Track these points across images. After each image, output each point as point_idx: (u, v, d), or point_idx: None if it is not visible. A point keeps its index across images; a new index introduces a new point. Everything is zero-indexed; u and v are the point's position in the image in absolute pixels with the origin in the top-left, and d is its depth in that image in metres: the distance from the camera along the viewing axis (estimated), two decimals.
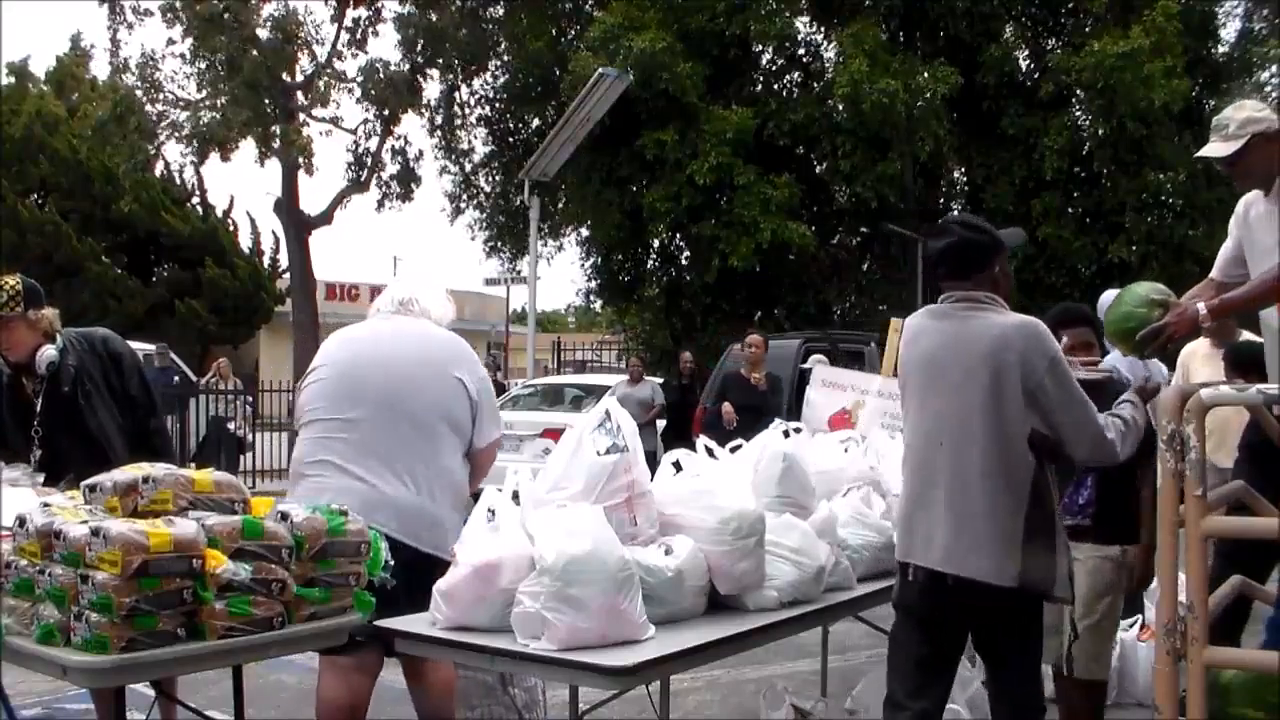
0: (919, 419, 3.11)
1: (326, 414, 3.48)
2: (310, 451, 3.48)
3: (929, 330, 3.12)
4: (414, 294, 3.76)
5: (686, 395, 11.61)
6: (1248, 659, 2.80)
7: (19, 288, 3.94)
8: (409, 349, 3.57)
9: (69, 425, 3.96)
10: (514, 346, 30.22)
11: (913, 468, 3.13)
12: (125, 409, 4.06)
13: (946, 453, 2.99)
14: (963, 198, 21.02)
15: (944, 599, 3.01)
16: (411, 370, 3.51)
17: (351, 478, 3.36)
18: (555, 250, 22.84)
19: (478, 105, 22.10)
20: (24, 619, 2.73)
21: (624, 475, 3.05)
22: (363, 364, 3.54)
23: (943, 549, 2.97)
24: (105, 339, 4.14)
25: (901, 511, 3.18)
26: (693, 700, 5.13)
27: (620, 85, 14.55)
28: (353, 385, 3.49)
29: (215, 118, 17.54)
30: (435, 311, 3.75)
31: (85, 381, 4.00)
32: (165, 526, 2.63)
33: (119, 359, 4.10)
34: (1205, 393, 2.47)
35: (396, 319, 3.68)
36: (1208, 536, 2.47)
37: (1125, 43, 16.07)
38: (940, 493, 2.99)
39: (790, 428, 3.87)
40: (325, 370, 3.58)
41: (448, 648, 2.97)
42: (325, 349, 3.70)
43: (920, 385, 3.12)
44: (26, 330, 3.94)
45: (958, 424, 2.98)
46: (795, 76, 20.61)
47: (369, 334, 3.67)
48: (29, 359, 3.95)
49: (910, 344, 3.18)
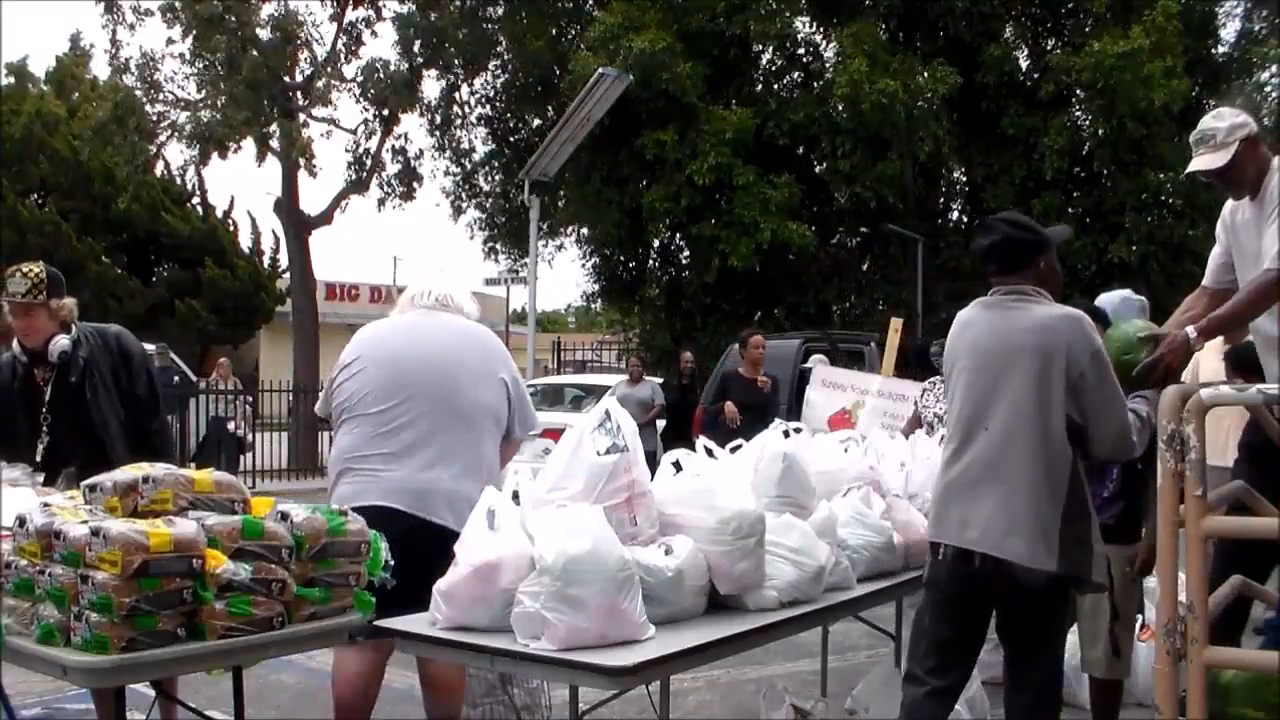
0: (963, 404, 3.15)
1: (375, 407, 3.55)
2: (356, 445, 3.55)
3: (978, 320, 3.18)
4: (449, 291, 3.83)
5: (686, 395, 11.61)
6: (1248, 659, 2.80)
7: (43, 275, 4.03)
8: (454, 345, 3.68)
9: (73, 416, 4.02)
10: (514, 346, 30.12)
11: (954, 451, 3.15)
12: (130, 406, 4.11)
13: (990, 437, 3.04)
14: (963, 198, 21.01)
15: (971, 578, 3.04)
16: (457, 366, 3.63)
17: (406, 470, 3.47)
18: (555, 250, 22.84)
19: (478, 105, 22.12)
20: (24, 619, 2.73)
21: (624, 475, 3.05)
22: (409, 359, 3.62)
23: (980, 530, 3.01)
24: (119, 336, 4.19)
25: (939, 493, 3.20)
26: (693, 700, 5.13)
27: (620, 85, 14.54)
28: (401, 380, 3.57)
29: (215, 117, 17.51)
30: (468, 308, 3.85)
31: (93, 374, 4.05)
32: (165, 526, 2.63)
33: (129, 357, 4.15)
34: (1205, 392, 2.47)
35: (437, 314, 3.75)
36: (1208, 536, 2.47)
37: (1125, 43, 16.07)
38: (982, 476, 3.03)
39: (790, 428, 3.87)
40: (367, 364, 3.63)
41: (448, 648, 2.97)
42: (362, 343, 3.73)
43: (966, 371, 3.16)
44: (47, 318, 4.03)
45: (1004, 409, 3.03)
46: (795, 76, 20.60)
47: (411, 329, 3.73)
48: (44, 347, 4.02)
49: (959, 333, 3.24)
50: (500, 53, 21.12)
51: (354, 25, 19.20)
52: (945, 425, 3.34)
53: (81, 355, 4.05)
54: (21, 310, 4.00)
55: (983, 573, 3.01)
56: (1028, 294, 3.10)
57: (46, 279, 4.02)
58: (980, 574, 3.01)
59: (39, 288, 3.99)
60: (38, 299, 3.98)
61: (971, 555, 3.02)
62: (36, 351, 4.05)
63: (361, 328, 3.84)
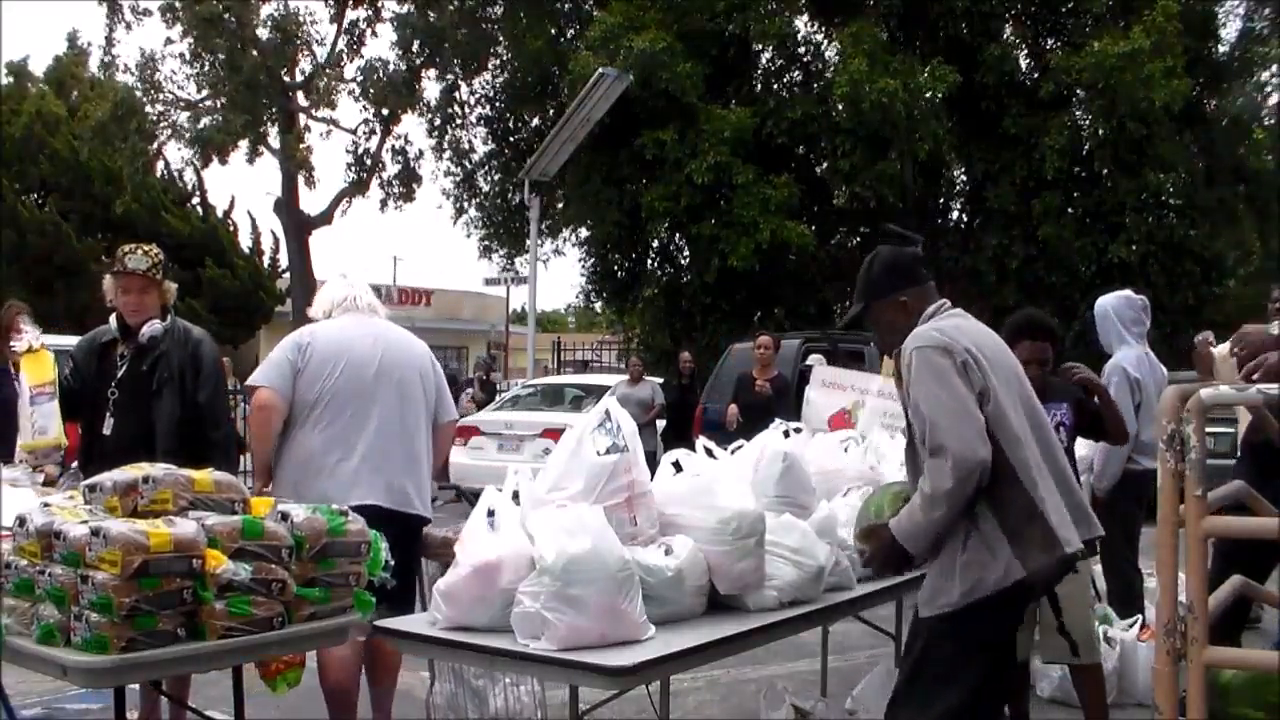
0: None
1: (340, 410, 3.84)
2: (328, 448, 3.82)
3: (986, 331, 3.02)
4: (371, 296, 4.20)
5: (686, 395, 11.61)
6: (1248, 659, 2.80)
7: (161, 257, 4.11)
8: (397, 349, 4.05)
9: (131, 403, 4.04)
10: (514, 346, 30.24)
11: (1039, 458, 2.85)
12: (189, 409, 4.08)
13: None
14: (963, 197, 21.00)
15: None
16: (405, 367, 4.02)
17: (383, 468, 3.83)
18: (554, 251, 22.83)
19: (477, 105, 22.11)
20: (24, 619, 2.73)
21: (624, 475, 3.06)
22: (364, 363, 3.93)
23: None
24: (199, 341, 4.18)
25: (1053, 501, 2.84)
26: (693, 700, 5.13)
27: (620, 85, 14.54)
28: (362, 383, 3.89)
29: (216, 119, 17.55)
30: (382, 311, 4.22)
31: (163, 368, 4.06)
32: (165, 526, 2.63)
33: (200, 362, 4.14)
34: (1205, 392, 2.47)
35: (374, 319, 4.12)
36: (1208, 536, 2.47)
37: (1125, 43, 16.05)
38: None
39: (790, 428, 3.87)
40: (326, 367, 3.88)
41: (448, 648, 2.97)
42: (328, 344, 3.92)
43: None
44: (156, 298, 4.10)
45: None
46: (795, 76, 20.59)
47: (364, 335, 4.01)
48: (140, 326, 4.07)
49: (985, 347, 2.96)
50: (500, 53, 21.11)
51: (354, 25, 19.22)
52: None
53: (161, 346, 4.08)
54: (139, 286, 4.04)
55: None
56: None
57: (162, 261, 4.10)
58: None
59: (158, 267, 4.06)
60: (156, 276, 4.05)
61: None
62: (130, 329, 4.10)
63: (313, 328, 4.07)
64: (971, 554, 2.72)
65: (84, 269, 23.25)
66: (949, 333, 2.86)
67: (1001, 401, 2.77)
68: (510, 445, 11.46)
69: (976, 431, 2.68)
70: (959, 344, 2.81)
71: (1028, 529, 2.70)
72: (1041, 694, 4.95)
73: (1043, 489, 2.74)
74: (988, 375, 2.79)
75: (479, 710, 4.05)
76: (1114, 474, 5.16)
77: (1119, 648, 4.98)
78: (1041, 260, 17.85)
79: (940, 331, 2.86)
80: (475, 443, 11.83)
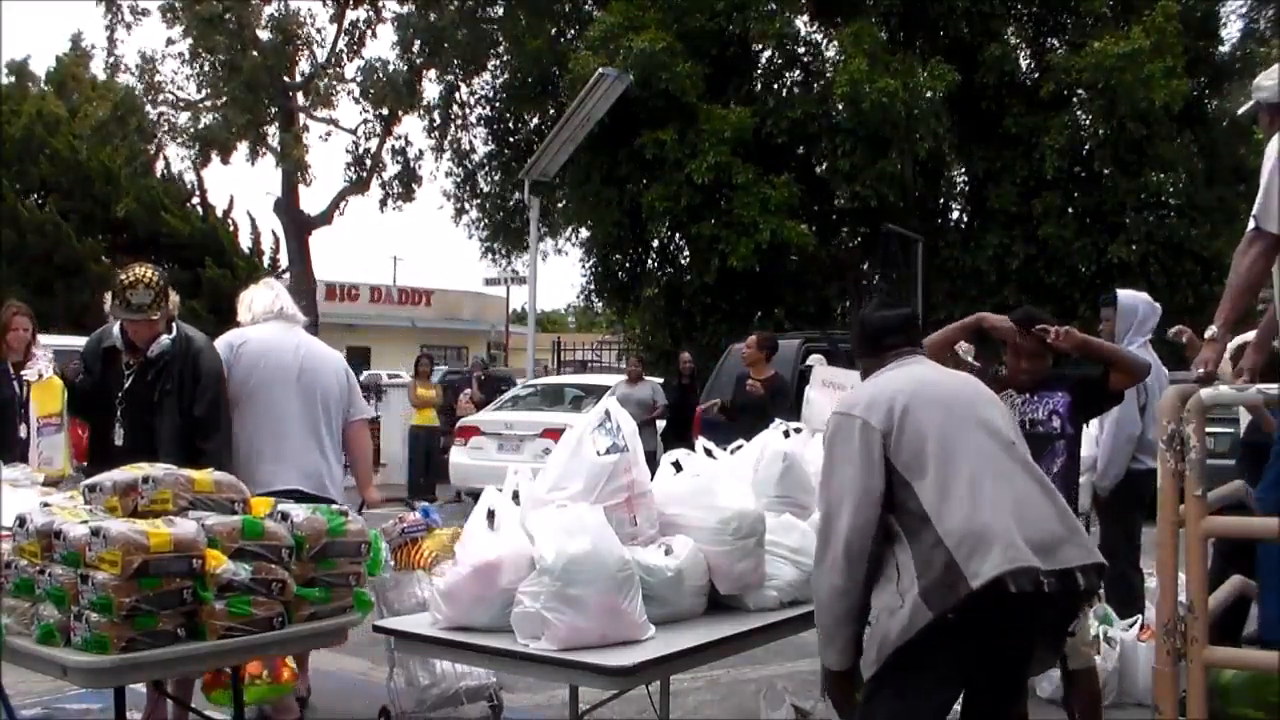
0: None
1: (268, 405, 4.35)
2: (255, 438, 4.31)
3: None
4: (294, 307, 4.72)
5: (686, 395, 11.60)
6: (1248, 659, 2.80)
7: (162, 283, 4.08)
8: (317, 354, 4.62)
9: (139, 415, 4.10)
10: (514, 346, 30.24)
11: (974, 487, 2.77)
12: (186, 418, 4.12)
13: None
14: (963, 197, 20.99)
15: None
16: (323, 371, 4.57)
17: (304, 458, 4.36)
18: (554, 251, 22.83)
19: (477, 105, 22.10)
20: (24, 619, 2.73)
21: (624, 475, 3.05)
22: (288, 364, 4.45)
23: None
24: (199, 352, 4.19)
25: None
26: (693, 700, 5.12)
27: (620, 85, 14.54)
28: (286, 383, 4.41)
29: (216, 119, 17.54)
30: (302, 319, 4.74)
31: (165, 381, 4.10)
32: (165, 526, 2.63)
33: (199, 374, 4.17)
34: (1205, 392, 2.47)
35: (296, 328, 4.64)
36: (1208, 536, 2.47)
37: (1126, 43, 16.05)
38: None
39: (790, 428, 3.87)
40: (255, 365, 4.38)
41: (448, 647, 2.97)
42: (245, 348, 4.43)
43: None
44: (161, 320, 4.12)
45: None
46: (795, 76, 20.58)
47: (284, 338, 4.54)
48: (146, 343, 4.11)
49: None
50: (499, 53, 21.11)
51: (354, 26, 19.20)
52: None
53: (166, 357, 4.10)
54: (144, 320, 4.03)
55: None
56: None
57: (164, 287, 4.08)
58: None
59: (161, 296, 4.05)
60: (158, 313, 4.05)
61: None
62: (131, 341, 4.13)
63: (243, 331, 4.55)
64: (880, 609, 2.65)
65: (84, 269, 23.24)
66: (863, 391, 2.86)
67: (921, 437, 2.69)
68: (510, 445, 11.46)
69: (855, 509, 2.65)
70: (860, 404, 2.77)
71: (929, 569, 2.57)
72: (1042, 694, 4.94)
73: (953, 521, 2.58)
74: (906, 414, 2.70)
75: (429, 676, 4.25)
76: (1116, 474, 5.16)
77: (1119, 648, 4.97)
78: (1041, 260, 17.85)
79: (857, 394, 2.87)
80: (475, 443, 11.83)
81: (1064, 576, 2.56)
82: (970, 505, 2.60)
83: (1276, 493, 3.05)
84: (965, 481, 2.63)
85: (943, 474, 2.65)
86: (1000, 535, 2.56)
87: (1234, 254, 3.38)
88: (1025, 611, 2.57)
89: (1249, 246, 3.28)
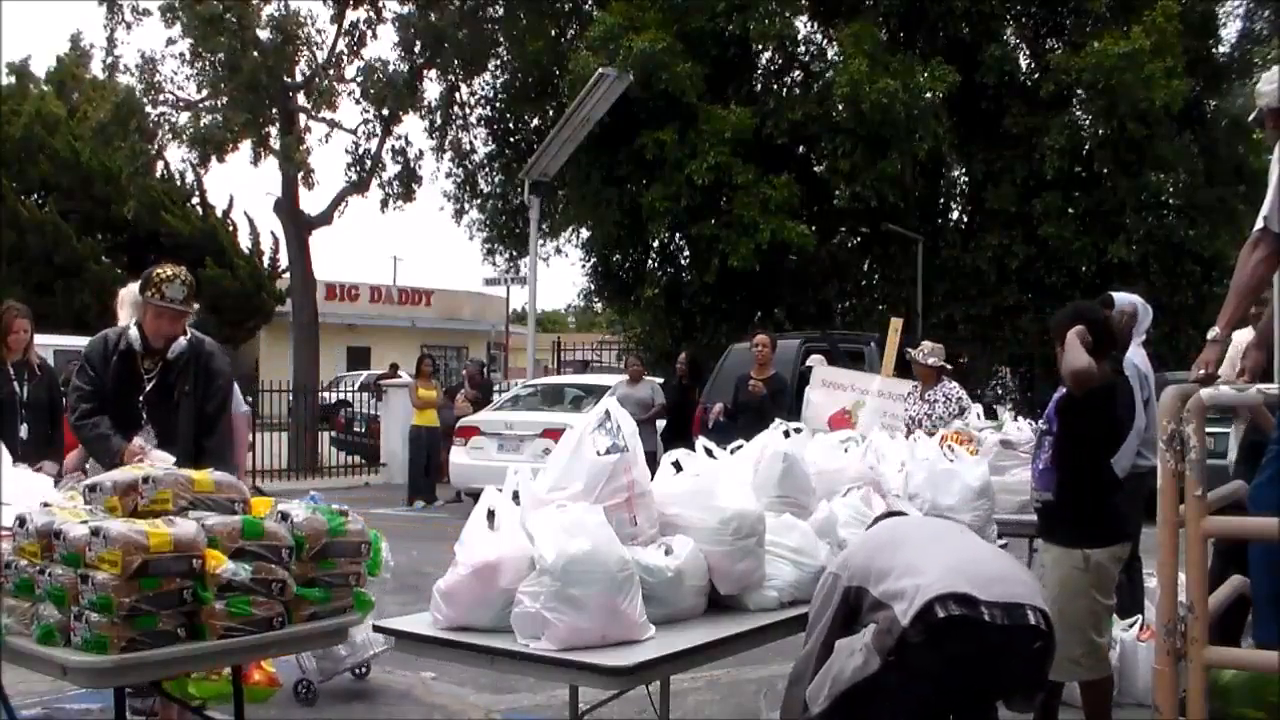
0: None
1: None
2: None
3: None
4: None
5: (686, 395, 11.60)
6: (1248, 659, 2.80)
7: (194, 282, 4.11)
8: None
9: (159, 413, 4.13)
10: (514, 346, 30.22)
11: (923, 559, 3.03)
12: (199, 420, 4.19)
13: None
14: (963, 198, 21.00)
15: None
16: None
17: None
18: (554, 250, 22.81)
19: (477, 105, 22.09)
20: (24, 619, 2.73)
21: (624, 475, 3.05)
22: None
23: None
24: (211, 354, 4.26)
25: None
26: (693, 700, 5.12)
27: (620, 85, 14.52)
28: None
29: (216, 119, 17.50)
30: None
31: (183, 383, 4.16)
32: (165, 526, 2.63)
33: (211, 375, 4.22)
34: (1205, 392, 2.47)
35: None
36: (1208, 536, 2.47)
37: (1125, 43, 16.05)
38: None
39: (790, 428, 3.87)
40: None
41: (448, 648, 2.97)
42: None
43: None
44: (189, 319, 4.15)
45: None
46: (795, 76, 20.59)
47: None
48: (165, 344, 4.12)
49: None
50: (500, 53, 21.10)
51: (354, 26, 19.17)
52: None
53: (185, 358, 4.15)
54: (173, 316, 4.05)
55: None
56: None
57: (195, 284, 4.12)
58: None
59: (192, 295, 4.08)
60: (191, 307, 4.09)
61: None
62: (148, 343, 4.13)
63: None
64: (841, 648, 2.81)
65: (84, 269, 23.26)
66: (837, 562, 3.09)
67: (883, 556, 2.89)
68: (510, 445, 11.46)
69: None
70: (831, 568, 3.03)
71: (879, 625, 2.75)
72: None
73: (897, 584, 2.74)
74: (870, 555, 2.95)
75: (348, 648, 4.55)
76: (1122, 469, 5.16)
77: (1119, 648, 4.97)
78: (1041, 260, 17.86)
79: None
80: (475, 443, 11.83)
81: (1010, 610, 2.61)
82: (910, 566, 2.78)
83: (1272, 490, 3.05)
84: (911, 552, 2.85)
85: (890, 560, 2.85)
86: (929, 572, 2.70)
87: (1239, 254, 3.38)
88: (969, 640, 2.62)
89: (1255, 247, 3.29)
